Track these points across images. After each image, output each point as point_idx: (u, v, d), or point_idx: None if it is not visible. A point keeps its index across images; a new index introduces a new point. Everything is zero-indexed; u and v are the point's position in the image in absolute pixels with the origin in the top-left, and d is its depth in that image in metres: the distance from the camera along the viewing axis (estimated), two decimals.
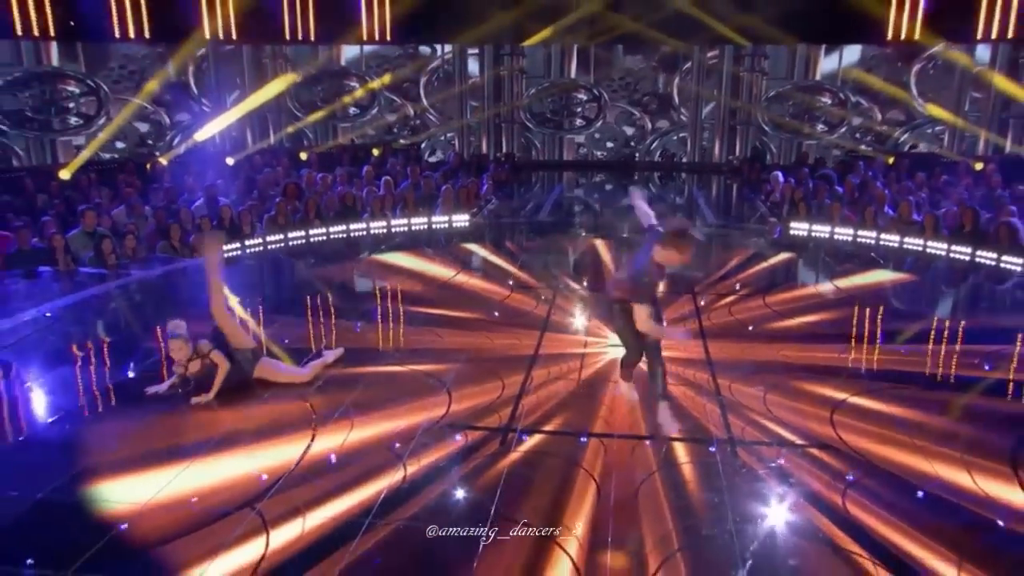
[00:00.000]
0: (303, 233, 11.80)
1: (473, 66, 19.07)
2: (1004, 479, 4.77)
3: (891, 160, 15.82)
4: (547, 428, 5.51)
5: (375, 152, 17.01)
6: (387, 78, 18.62)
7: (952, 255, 10.58)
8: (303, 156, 16.30)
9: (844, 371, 6.59)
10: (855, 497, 4.59)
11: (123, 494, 4.57)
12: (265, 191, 13.50)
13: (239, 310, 6.98)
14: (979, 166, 14.37)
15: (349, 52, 18.78)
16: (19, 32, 14.55)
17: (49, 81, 15.79)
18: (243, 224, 11.56)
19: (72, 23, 15.17)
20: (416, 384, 6.27)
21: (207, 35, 15.86)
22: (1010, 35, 14.68)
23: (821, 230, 12.05)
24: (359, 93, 18.36)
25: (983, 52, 16.48)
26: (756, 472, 4.87)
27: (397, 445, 5.19)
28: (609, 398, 5.99)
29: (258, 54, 17.35)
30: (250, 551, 4.05)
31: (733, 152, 18.88)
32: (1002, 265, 10.04)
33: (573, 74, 19.48)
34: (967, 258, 10.39)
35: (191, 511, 4.41)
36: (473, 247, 11.51)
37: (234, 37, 16.18)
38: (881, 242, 11.38)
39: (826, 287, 9.52)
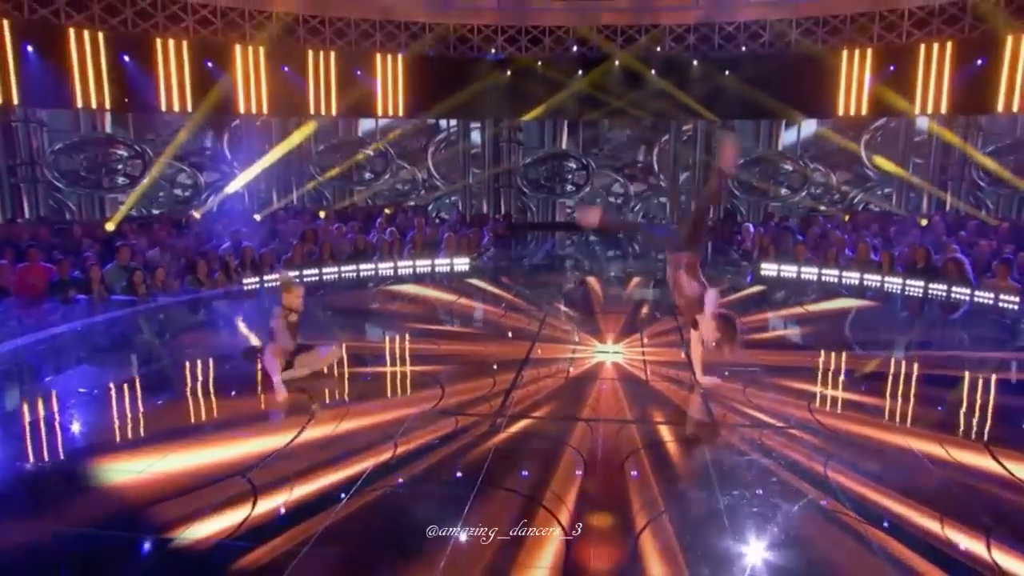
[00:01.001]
0: (316, 271, 11.51)
1: (475, 136, 19.16)
2: (973, 449, 4.35)
3: (847, 217, 15.66)
4: (536, 414, 5.09)
5: (387, 211, 16.87)
6: (393, 135, 18.63)
7: (908, 287, 10.26)
8: (322, 214, 16.15)
9: (816, 371, 6.23)
10: (836, 467, 4.15)
11: (125, 466, 4.14)
12: (286, 238, 13.28)
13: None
14: (924, 221, 14.19)
15: (366, 123, 18.90)
16: (79, 104, 14.69)
17: (102, 145, 15.82)
18: (264, 264, 11.29)
19: (126, 99, 15.30)
20: (411, 380, 5.88)
21: (241, 110, 15.94)
22: (944, 110, 14.69)
23: (788, 269, 11.76)
24: (365, 153, 18.32)
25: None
26: (739, 449, 4.44)
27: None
28: (596, 391, 5.60)
29: (286, 124, 17.38)
30: (238, 514, 3.60)
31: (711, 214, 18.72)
32: (952, 296, 9.71)
33: (564, 145, 19.55)
34: (920, 291, 10.07)
35: (186, 480, 3.98)
36: (473, 280, 11.29)
37: (265, 112, 16.26)
38: (843, 278, 11.07)
39: (797, 309, 9.21)
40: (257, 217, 15.40)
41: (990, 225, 12.96)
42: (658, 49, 16.57)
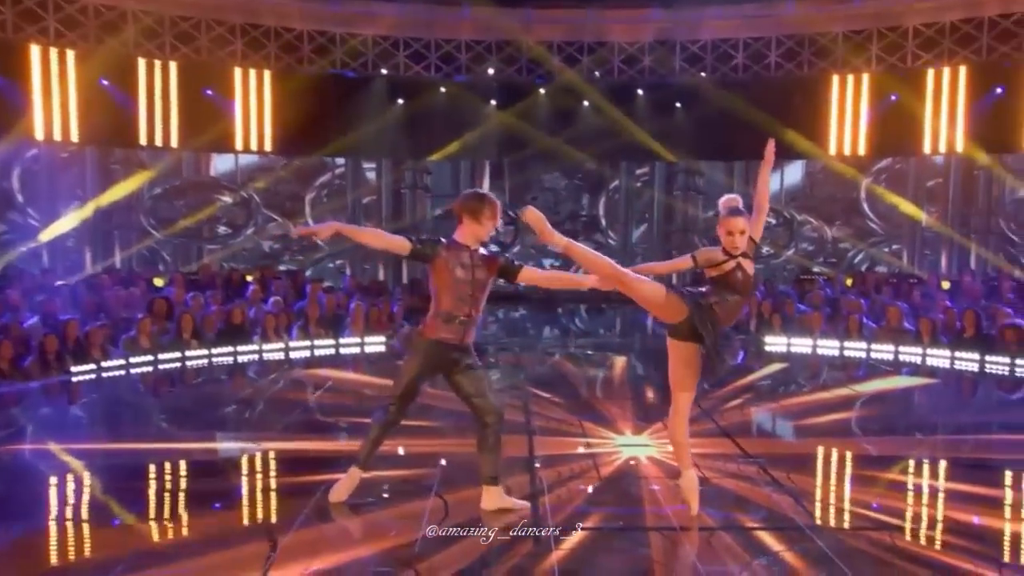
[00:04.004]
0: (178, 355, 10.96)
1: (370, 177, 19.14)
2: None
3: (849, 280, 16.56)
4: (587, 525, 4.98)
5: (249, 279, 16.39)
6: (260, 183, 18.36)
7: (957, 362, 10.93)
8: (158, 282, 15.47)
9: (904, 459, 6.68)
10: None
11: None
12: (116, 312, 12.62)
13: None
14: (946, 284, 15.22)
15: (221, 163, 18.53)
16: None
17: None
18: (91, 345, 10.65)
19: None
20: (393, 490, 5.62)
21: (39, 136, 15.19)
22: (959, 149, 16.05)
23: (801, 343, 12.25)
24: (220, 201, 18.00)
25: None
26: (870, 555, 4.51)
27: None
28: (646, 493, 5.57)
29: (105, 160, 16.75)
30: None
31: (670, 280, 19.37)
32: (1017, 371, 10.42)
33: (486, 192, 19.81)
34: (975, 364, 10.75)
35: None
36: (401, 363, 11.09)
37: (74, 139, 15.61)
38: (871, 352, 11.66)
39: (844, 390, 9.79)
40: (61, 283, 14.52)
41: None
42: (602, 73, 17.33)
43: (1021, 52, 14.86)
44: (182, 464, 6.25)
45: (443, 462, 6.23)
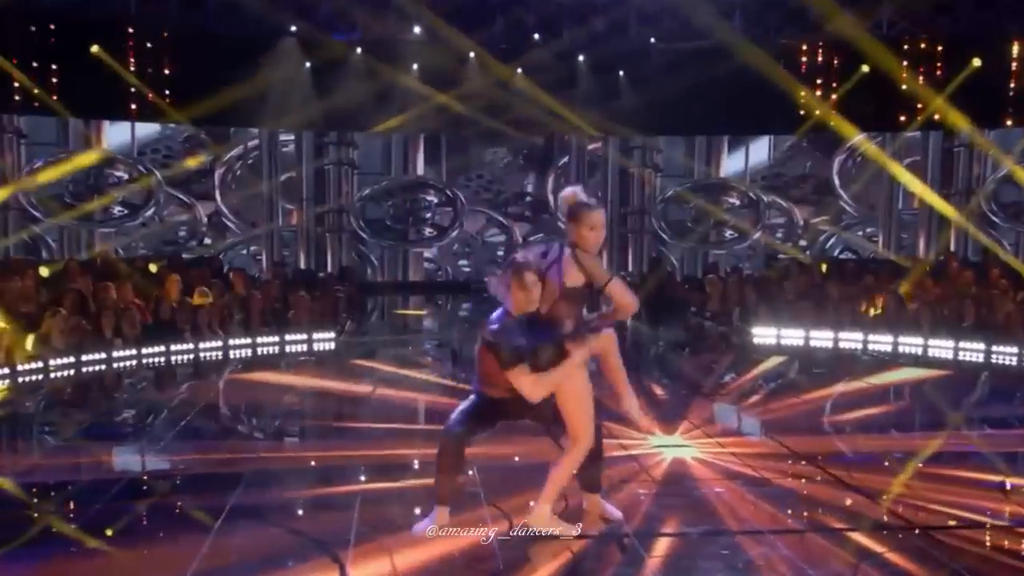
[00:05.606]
0: (102, 356, 10.70)
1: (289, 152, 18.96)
2: None
3: (824, 265, 17.14)
4: (667, 530, 5.17)
5: (152, 268, 16.05)
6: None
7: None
8: (44, 270, 14.99)
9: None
10: None
11: None
12: (15, 307, 12.16)
13: None
14: (926, 268, 15.93)
15: (116, 135, 17.99)
16: None
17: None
18: None
19: None
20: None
21: None
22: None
23: (791, 334, 12.68)
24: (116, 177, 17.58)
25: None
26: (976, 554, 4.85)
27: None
28: (712, 496, 5.79)
29: None
30: None
31: (625, 266, 19.74)
32: None
33: (420, 170, 19.83)
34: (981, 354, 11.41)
35: None
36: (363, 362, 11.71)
37: None
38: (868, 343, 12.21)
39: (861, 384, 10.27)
40: None
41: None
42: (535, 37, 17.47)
43: None
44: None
45: (472, 471, 6.27)
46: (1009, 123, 16.80)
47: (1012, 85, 16.28)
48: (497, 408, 4.93)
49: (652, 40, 17.42)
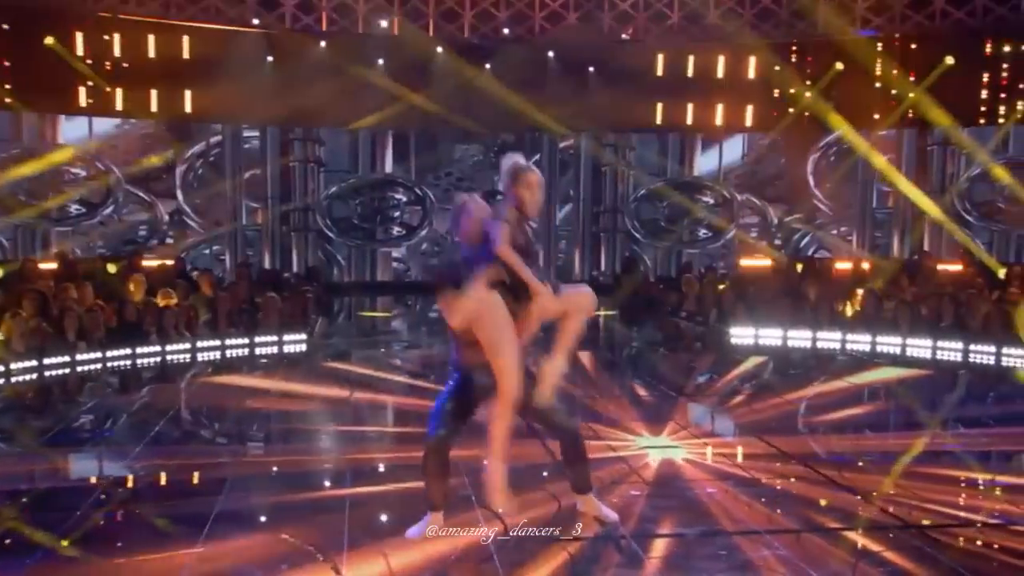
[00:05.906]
0: (65, 359, 10.63)
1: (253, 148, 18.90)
2: None
3: (800, 265, 17.35)
4: (663, 531, 5.28)
5: (111, 269, 15.93)
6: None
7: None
8: None
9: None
10: None
11: None
12: None
13: None
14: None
15: (71, 130, 17.82)
16: None
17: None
18: None
19: None
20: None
21: None
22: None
23: (770, 334, 12.85)
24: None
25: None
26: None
27: None
28: (705, 497, 5.91)
29: None
30: None
31: (598, 266, 19.87)
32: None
33: (388, 168, 19.82)
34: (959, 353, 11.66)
35: None
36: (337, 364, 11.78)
37: None
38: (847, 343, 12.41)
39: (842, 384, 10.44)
40: None
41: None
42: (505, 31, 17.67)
43: None
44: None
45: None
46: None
47: None
48: (472, 389, 4.98)
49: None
